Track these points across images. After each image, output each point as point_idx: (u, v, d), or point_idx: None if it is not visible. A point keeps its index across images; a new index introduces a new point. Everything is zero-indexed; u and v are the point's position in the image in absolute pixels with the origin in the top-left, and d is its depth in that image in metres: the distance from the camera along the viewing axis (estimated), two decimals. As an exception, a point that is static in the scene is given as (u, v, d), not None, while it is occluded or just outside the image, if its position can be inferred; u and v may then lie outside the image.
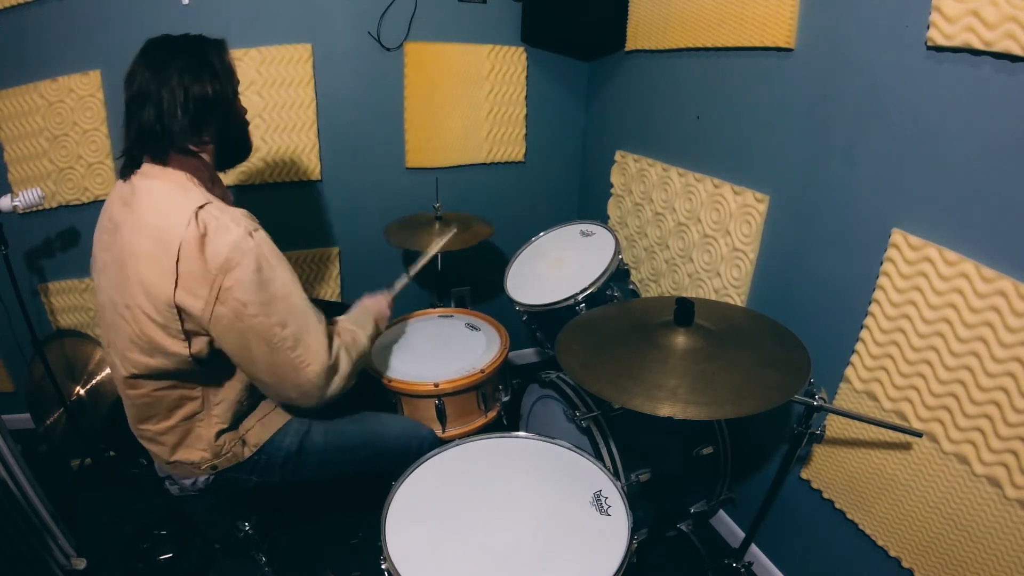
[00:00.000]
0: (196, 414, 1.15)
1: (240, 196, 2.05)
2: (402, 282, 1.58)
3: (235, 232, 1.02)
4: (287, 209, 2.18)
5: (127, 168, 1.09)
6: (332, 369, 1.15)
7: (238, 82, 1.16)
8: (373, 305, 1.44)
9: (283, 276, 1.08)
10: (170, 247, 0.99)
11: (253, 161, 2.04)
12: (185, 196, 1.03)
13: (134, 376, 1.09)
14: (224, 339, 1.06)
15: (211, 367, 1.11)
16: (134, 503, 1.86)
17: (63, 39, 1.78)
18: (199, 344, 1.06)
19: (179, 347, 1.05)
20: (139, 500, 1.87)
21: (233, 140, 1.18)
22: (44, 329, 2.04)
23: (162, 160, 1.06)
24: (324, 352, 1.13)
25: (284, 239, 2.16)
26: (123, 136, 1.07)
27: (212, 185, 1.12)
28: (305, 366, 1.11)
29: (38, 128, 1.86)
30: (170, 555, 1.67)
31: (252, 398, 1.22)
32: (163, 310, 1.01)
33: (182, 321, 1.02)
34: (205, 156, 1.12)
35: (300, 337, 1.09)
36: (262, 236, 1.07)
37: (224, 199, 1.13)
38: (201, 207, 1.02)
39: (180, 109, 1.04)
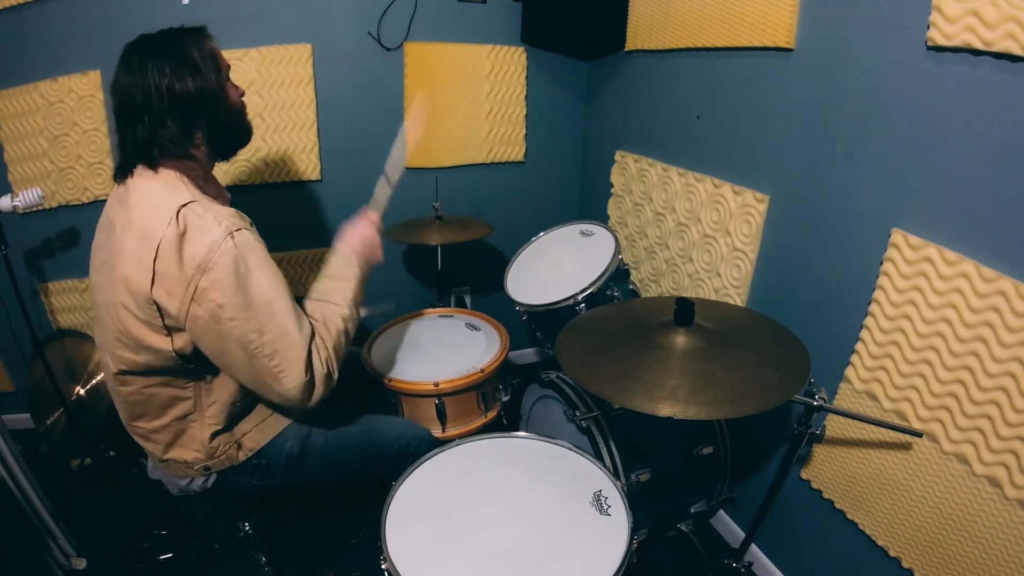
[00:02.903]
0: (189, 414, 1.15)
1: (240, 196, 2.03)
2: (384, 190, 1.37)
3: (215, 232, 0.99)
4: (287, 209, 2.18)
5: (121, 173, 1.08)
6: (311, 381, 1.09)
7: (227, 66, 1.12)
8: (354, 239, 1.29)
9: (265, 280, 1.04)
10: (150, 244, 0.98)
11: (253, 161, 2.05)
12: (172, 194, 1.02)
13: (123, 372, 1.09)
14: (202, 340, 1.04)
15: (200, 365, 1.10)
16: (134, 503, 1.86)
17: (63, 39, 1.78)
18: (182, 340, 1.04)
19: (162, 342, 1.03)
20: (139, 500, 1.87)
21: (228, 129, 1.14)
22: (44, 329, 2.04)
23: (155, 164, 1.05)
24: (302, 363, 1.06)
25: (284, 239, 2.19)
26: (118, 144, 1.07)
27: (205, 183, 1.11)
28: (283, 376, 1.06)
29: (38, 128, 1.86)
30: (170, 555, 1.68)
31: (247, 399, 1.21)
32: (143, 306, 1.01)
33: (162, 317, 1.02)
34: (198, 154, 1.10)
35: (277, 346, 1.04)
36: (245, 237, 1.03)
37: (219, 197, 1.12)
38: (185, 205, 1.00)
39: (168, 116, 1.02)
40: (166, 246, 0.97)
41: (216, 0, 1.84)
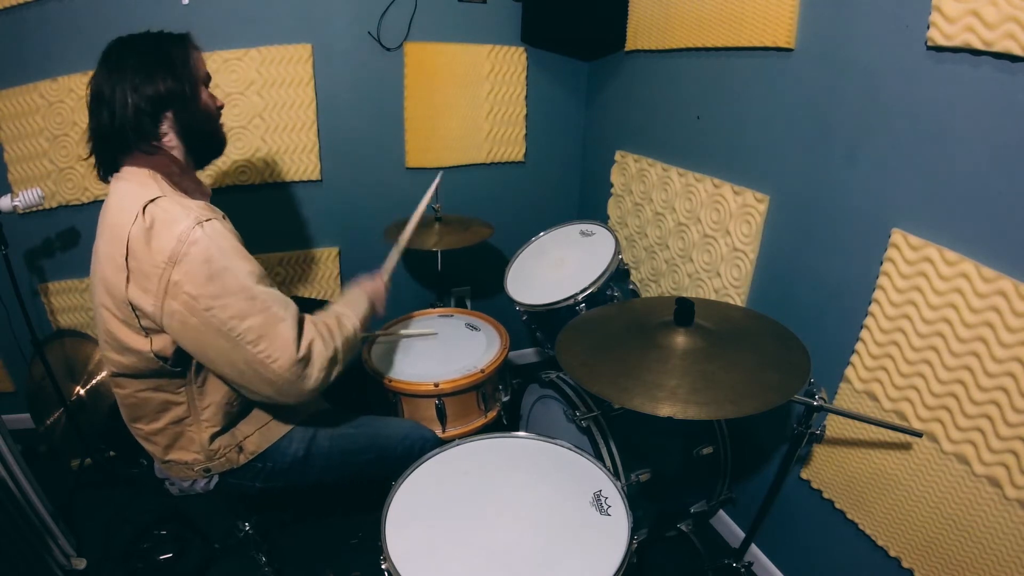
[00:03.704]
0: (184, 418, 1.15)
1: (240, 196, 2.05)
2: (393, 258, 1.50)
3: (182, 224, 0.98)
4: (287, 209, 2.18)
5: (101, 169, 1.09)
6: (303, 362, 1.06)
7: (207, 76, 1.13)
8: (368, 283, 1.40)
9: (239, 266, 1.02)
10: (120, 242, 0.98)
11: (253, 161, 2.05)
12: (142, 192, 1.01)
13: (115, 375, 1.09)
14: (181, 337, 1.02)
15: (185, 368, 1.09)
16: (134, 503, 1.86)
17: (63, 39, 1.78)
18: (161, 341, 1.03)
19: (141, 343, 1.03)
20: (139, 500, 1.87)
21: (197, 136, 1.13)
22: (44, 329, 2.04)
23: (129, 160, 1.05)
24: (291, 344, 1.04)
25: (283, 239, 2.19)
26: (88, 135, 1.07)
27: (181, 178, 1.10)
28: (271, 361, 1.03)
29: (38, 128, 1.86)
30: (170, 555, 1.68)
31: (244, 400, 1.20)
32: (121, 306, 1.01)
33: (138, 318, 1.01)
34: (174, 152, 1.10)
35: (262, 331, 1.02)
36: (214, 226, 1.01)
37: (196, 192, 1.11)
38: (152, 201, 0.99)
39: (131, 109, 1.02)
40: (135, 242, 0.97)
41: (216, 0, 1.84)
